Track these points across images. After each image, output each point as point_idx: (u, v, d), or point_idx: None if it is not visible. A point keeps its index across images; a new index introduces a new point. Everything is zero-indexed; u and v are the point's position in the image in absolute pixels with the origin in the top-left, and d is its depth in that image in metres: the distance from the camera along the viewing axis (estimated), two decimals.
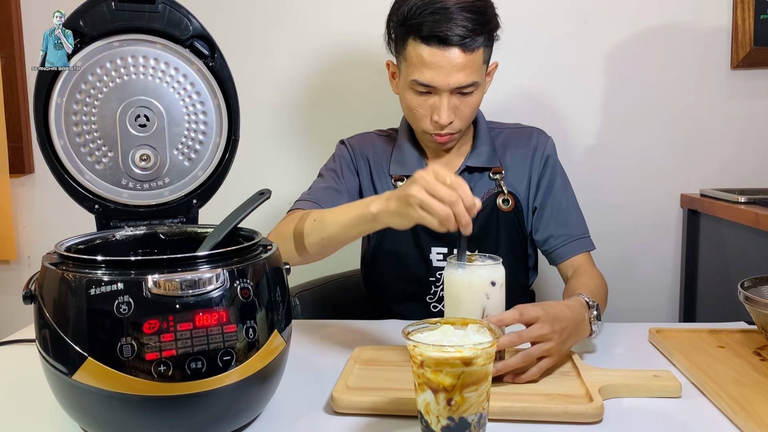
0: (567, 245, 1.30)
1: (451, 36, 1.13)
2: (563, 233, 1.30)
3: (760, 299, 0.95)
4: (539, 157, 1.33)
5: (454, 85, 1.17)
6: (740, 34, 1.75)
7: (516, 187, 1.32)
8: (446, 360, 0.67)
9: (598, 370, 0.92)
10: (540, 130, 1.37)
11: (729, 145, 1.81)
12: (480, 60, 1.18)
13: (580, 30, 1.80)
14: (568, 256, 1.29)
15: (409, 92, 1.22)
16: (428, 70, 1.16)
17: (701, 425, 0.79)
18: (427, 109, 1.21)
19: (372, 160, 1.36)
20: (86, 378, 0.69)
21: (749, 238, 1.51)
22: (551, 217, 1.31)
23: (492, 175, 1.31)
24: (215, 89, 0.96)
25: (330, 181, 1.32)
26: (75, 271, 0.71)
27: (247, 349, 0.73)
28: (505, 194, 1.30)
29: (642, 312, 1.87)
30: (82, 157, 0.91)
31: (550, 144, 1.36)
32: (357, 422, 0.81)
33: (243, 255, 0.77)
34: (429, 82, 1.17)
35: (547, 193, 1.32)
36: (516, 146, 1.35)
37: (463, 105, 1.21)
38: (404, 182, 1.21)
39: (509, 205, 1.30)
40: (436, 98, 1.19)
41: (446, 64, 1.15)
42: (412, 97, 1.21)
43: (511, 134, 1.37)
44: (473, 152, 1.32)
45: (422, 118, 1.23)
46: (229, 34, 1.84)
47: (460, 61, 1.15)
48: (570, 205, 1.34)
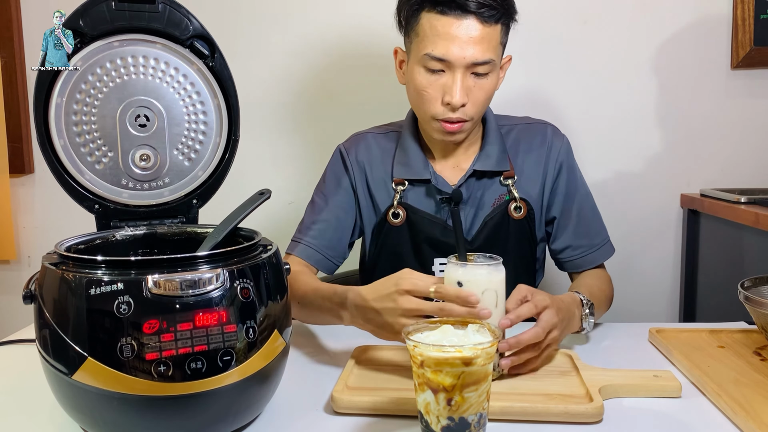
0: (584, 257, 1.25)
1: (468, 2, 1.07)
2: (582, 244, 1.25)
3: (760, 299, 0.95)
4: (554, 162, 1.26)
5: (470, 59, 1.09)
6: (740, 34, 1.75)
7: (529, 192, 1.24)
8: (446, 360, 0.67)
9: (598, 370, 0.92)
10: (554, 129, 1.30)
11: (729, 145, 1.81)
12: (497, 38, 1.12)
13: (580, 30, 1.80)
14: (585, 268, 1.26)
15: (419, 71, 1.14)
16: (442, 41, 1.09)
17: (701, 425, 0.79)
18: (438, 89, 1.13)
19: (369, 167, 1.28)
20: (86, 378, 0.69)
21: (749, 238, 1.51)
22: (569, 227, 1.25)
23: (503, 180, 1.23)
24: (215, 89, 0.96)
25: (324, 214, 1.26)
26: (75, 271, 0.71)
27: (247, 349, 0.73)
28: (518, 201, 1.22)
29: (642, 312, 1.87)
30: (82, 157, 0.91)
31: (565, 145, 1.28)
32: (357, 422, 0.81)
33: (243, 255, 0.77)
34: (443, 55, 1.09)
35: (566, 202, 1.26)
36: (528, 147, 1.27)
37: (477, 88, 1.13)
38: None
39: (521, 212, 1.22)
40: (448, 77, 1.12)
41: (463, 34, 1.08)
42: (422, 76, 1.13)
43: (522, 131, 1.28)
44: (482, 153, 1.24)
45: (432, 100, 1.14)
46: (229, 34, 1.84)
47: (477, 33, 1.09)
48: (589, 211, 1.28)
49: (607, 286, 1.23)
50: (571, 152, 1.29)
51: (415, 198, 1.25)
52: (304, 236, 1.26)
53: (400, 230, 1.25)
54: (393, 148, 1.29)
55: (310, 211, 1.29)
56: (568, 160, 1.28)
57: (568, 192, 1.26)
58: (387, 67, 1.76)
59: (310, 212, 1.29)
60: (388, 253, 1.27)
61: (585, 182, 1.31)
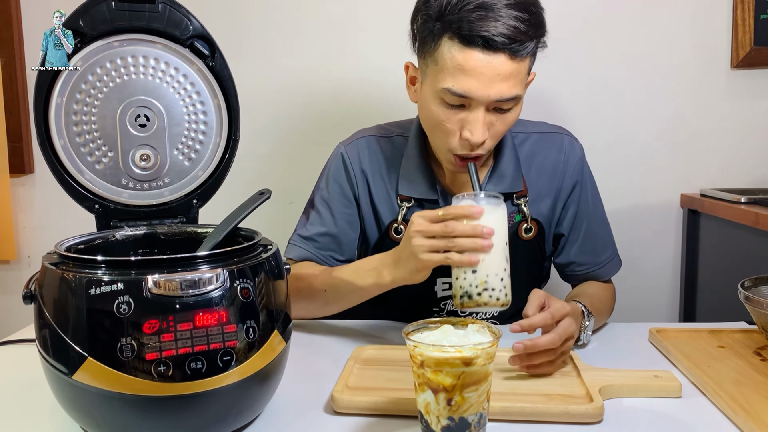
0: (588, 273, 1.24)
1: (497, 37, 0.95)
2: (587, 261, 1.23)
3: (760, 299, 0.95)
4: (569, 179, 1.20)
5: (494, 98, 0.99)
6: (740, 34, 1.75)
7: (540, 209, 1.19)
8: (446, 360, 0.67)
9: (598, 370, 0.92)
10: (570, 140, 1.23)
11: (729, 145, 1.81)
12: (526, 70, 1.02)
13: (579, 30, 1.80)
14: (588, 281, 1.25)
15: (436, 103, 1.03)
16: (466, 77, 0.98)
17: (701, 425, 0.79)
18: (456, 124, 1.03)
19: (372, 178, 1.21)
20: (86, 378, 0.69)
21: (749, 238, 1.51)
22: (576, 244, 1.23)
23: (515, 199, 1.16)
24: (215, 89, 0.96)
25: (326, 222, 1.22)
26: (75, 271, 0.71)
27: (247, 349, 0.73)
28: (528, 222, 1.16)
29: (642, 312, 1.87)
30: (82, 157, 0.91)
31: (581, 160, 1.22)
32: (357, 422, 0.81)
33: (243, 255, 0.77)
34: (466, 92, 0.98)
35: (576, 221, 1.22)
36: (543, 162, 1.20)
37: (499, 122, 1.03)
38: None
39: (532, 233, 1.17)
40: (468, 113, 1.01)
41: (489, 71, 0.97)
42: (440, 109, 1.03)
43: (537, 143, 1.21)
44: (495, 173, 1.16)
45: (450, 134, 1.04)
46: (229, 34, 1.84)
47: (506, 69, 0.97)
48: (597, 227, 1.24)
49: (609, 298, 1.21)
50: (586, 164, 1.24)
51: None
52: (309, 246, 1.22)
53: None
54: (398, 157, 1.20)
55: (314, 220, 1.23)
56: (582, 178, 1.22)
57: (579, 210, 1.23)
58: (387, 67, 1.76)
59: (313, 221, 1.23)
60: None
61: (597, 193, 1.26)
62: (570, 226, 1.22)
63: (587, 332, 1.04)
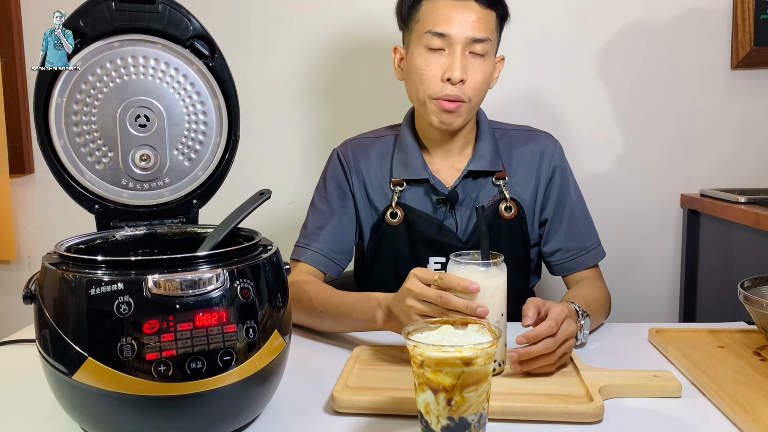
0: (575, 260, 1.28)
1: None
2: (573, 247, 1.28)
3: (760, 299, 0.95)
4: (547, 166, 1.29)
5: (469, 35, 1.16)
6: (740, 34, 1.75)
7: (520, 194, 1.28)
8: (446, 360, 0.67)
9: (598, 370, 0.92)
10: (547, 135, 1.33)
11: (729, 145, 1.81)
12: (493, 22, 1.20)
13: (580, 30, 1.80)
14: (576, 270, 1.28)
15: (419, 53, 1.19)
16: (443, 18, 1.16)
17: (701, 425, 0.80)
18: (438, 68, 1.18)
19: (366, 172, 1.30)
20: (86, 378, 0.69)
21: (749, 238, 1.51)
22: (561, 230, 1.28)
23: (495, 180, 1.27)
24: (215, 89, 0.96)
25: (327, 221, 1.28)
26: (75, 271, 0.71)
27: (247, 349, 0.73)
28: (508, 201, 1.25)
29: (642, 312, 1.87)
30: (82, 157, 0.91)
31: (558, 150, 1.31)
32: (357, 422, 0.81)
33: (243, 255, 0.77)
34: (444, 29, 1.16)
35: (558, 206, 1.29)
36: (521, 151, 1.30)
37: (474, 69, 1.18)
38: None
39: (512, 212, 1.26)
40: (448, 57, 1.17)
41: (463, 13, 1.16)
42: (422, 57, 1.19)
43: (516, 137, 1.32)
44: (475, 155, 1.27)
45: (431, 78, 1.18)
46: (229, 34, 1.84)
47: (475, 14, 1.16)
48: (580, 214, 1.30)
49: (603, 296, 1.22)
50: (564, 157, 1.32)
51: (412, 198, 1.27)
52: (311, 242, 1.27)
53: (398, 229, 1.26)
54: (390, 152, 1.31)
55: (314, 217, 1.30)
56: (561, 164, 1.31)
57: (561, 195, 1.29)
58: (387, 67, 1.76)
59: (313, 218, 1.30)
60: (386, 252, 1.28)
61: (578, 186, 1.33)
62: (553, 211, 1.29)
63: (584, 331, 1.04)
